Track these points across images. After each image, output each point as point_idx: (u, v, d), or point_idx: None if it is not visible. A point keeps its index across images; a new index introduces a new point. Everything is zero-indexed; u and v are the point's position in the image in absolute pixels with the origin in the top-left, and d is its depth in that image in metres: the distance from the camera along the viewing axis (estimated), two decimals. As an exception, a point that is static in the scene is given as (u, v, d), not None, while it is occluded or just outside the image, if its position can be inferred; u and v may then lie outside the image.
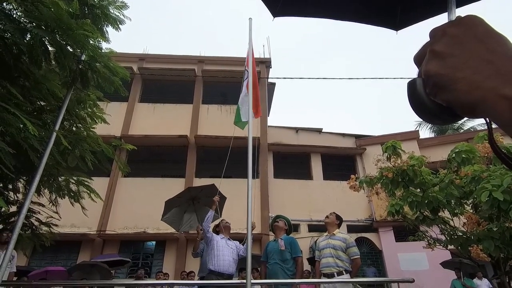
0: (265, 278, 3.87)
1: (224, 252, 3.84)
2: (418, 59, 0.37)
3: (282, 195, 10.92)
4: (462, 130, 20.11)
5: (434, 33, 0.36)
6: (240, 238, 4.31)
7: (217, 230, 4.31)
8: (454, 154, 4.91)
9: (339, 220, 3.94)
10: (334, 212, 4.03)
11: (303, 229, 10.64)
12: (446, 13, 1.02)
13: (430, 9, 1.39)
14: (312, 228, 10.58)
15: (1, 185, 4.08)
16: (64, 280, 6.54)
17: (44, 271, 6.69)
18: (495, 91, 0.28)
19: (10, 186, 4.37)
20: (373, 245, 10.77)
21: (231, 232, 4.33)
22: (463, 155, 4.73)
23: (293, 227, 4.71)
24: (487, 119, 0.32)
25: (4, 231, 4.24)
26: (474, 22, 0.34)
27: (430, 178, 5.36)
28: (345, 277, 3.46)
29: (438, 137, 17.16)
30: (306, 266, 9.42)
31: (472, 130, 19.00)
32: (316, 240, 4.29)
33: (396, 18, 1.58)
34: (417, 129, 19.13)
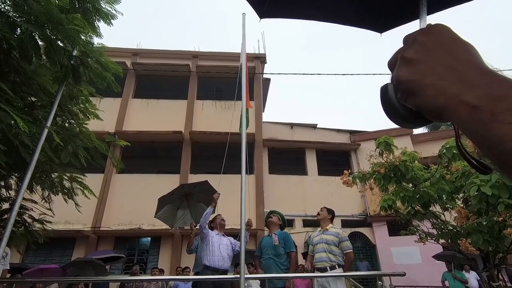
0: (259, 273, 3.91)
1: (219, 248, 3.87)
2: (391, 65, 0.39)
3: (277, 190, 10.98)
4: (455, 126, 20.31)
5: (406, 40, 0.38)
6: (235, 234, 4.33)
7: (211, 226, 4.32)
8: (445, 150, 4.97)
9: (331, 214, 3.99)
10: (324, 207, 4.06)
11: (298, 224, 10.73)
12: (431, 15, 1.05)
13: (413, 13, 1.41)
14: (307, 223, 10.67)
15: (-8, 182, 4.04)
16: (59, 277, 6.53)
17: (38, 269, 6.65)
18: (456, 97, 0.30)
19: (2, 183, 4.33)
20: (367, 239, 10.92)
21: (226, 227, 4.35)
22: (454, 151, 4.79)
23: (287, 222, 4.74)
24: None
25: (-4, 228, 4.21)
26: (441, 30, 0.35)
27: (421, 173, 5.44)
28: (338, 271, 3.52)
29: (431, 132, 17.32)
30: (301, 261, 9.53)
31: (464, 125, 19.20)
32: (310, 234, 4.33)
33: (380, 21, 1.60)
34: (411, 124, 19.11)
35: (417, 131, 13.48)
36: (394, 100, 0.37)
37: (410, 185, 5.48)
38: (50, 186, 4.47)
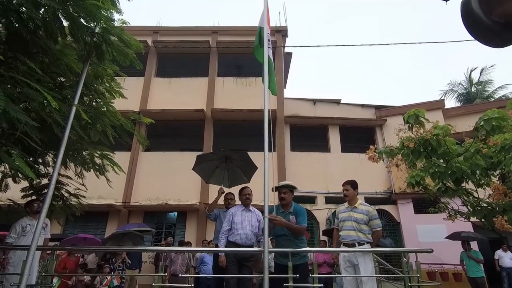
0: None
1: (243, 226, 3.85)
2: None
3: (299, 167, 10.93)
4: (492, 99, 18.93)
5: None
6: (258, 209, 4.36)
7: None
8: (482, 122, 4.61)
9: (356, 188, 3.74)
10: (347, 183, 3.75)
11: (320, 201, 10.74)
12: None
13: None
14: (329, 200, 10.65)
15: (31, 158, 4.31)
16: (96, 246, 7.08)
17: (79, 238, 7.27)
18: None
19: (40, 160, 4.62)
20: (391, 217, 10.76)
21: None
22: (494, 123, 4.42)
23: (309, 199, 4.63)
24: None
25: (35, 201, 4.55)
26: None
27: (454, 148, 5.13)
28: (366, 247, 3.47)
29: (465, 106, 16.27)
30: (322, 237, 9.62)
31: (504, 98, 17.84)
32: (335, 210, 4.21)
33: None
34: (442, 98, 18.12)
35: (448, 105, 12.69)
36: (479, 12, 0.31)
37: (441, 160, 5.21)
38: (82, 162, 4.70)
